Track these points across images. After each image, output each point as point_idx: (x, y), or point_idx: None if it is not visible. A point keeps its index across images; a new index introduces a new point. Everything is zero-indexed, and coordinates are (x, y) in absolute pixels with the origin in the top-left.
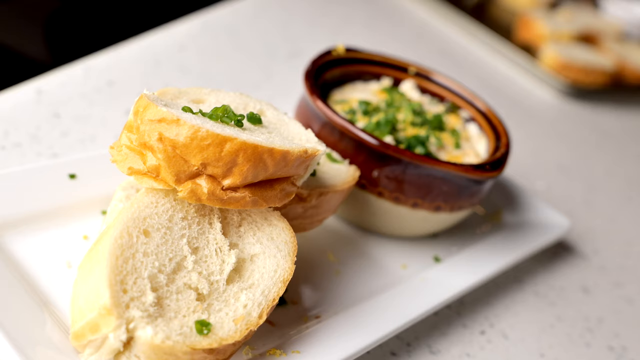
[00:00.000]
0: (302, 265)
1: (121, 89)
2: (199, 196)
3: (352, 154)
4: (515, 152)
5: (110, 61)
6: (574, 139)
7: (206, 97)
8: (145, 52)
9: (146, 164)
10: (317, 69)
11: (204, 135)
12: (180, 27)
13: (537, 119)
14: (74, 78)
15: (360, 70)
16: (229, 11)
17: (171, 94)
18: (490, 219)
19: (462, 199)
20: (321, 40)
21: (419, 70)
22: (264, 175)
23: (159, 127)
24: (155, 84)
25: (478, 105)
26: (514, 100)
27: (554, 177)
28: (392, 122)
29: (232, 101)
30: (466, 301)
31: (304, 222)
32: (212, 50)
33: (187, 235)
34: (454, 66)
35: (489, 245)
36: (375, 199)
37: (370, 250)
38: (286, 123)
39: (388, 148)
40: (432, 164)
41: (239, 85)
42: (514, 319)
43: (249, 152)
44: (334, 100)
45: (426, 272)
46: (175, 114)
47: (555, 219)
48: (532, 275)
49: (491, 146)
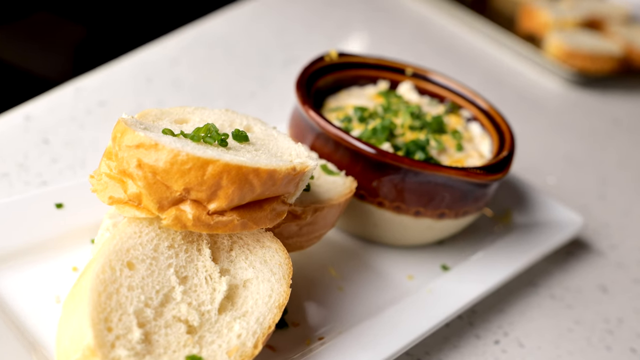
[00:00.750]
0: (302, 283)
1: (112, 109)
2: (184, 223)
3: (349, 164)
4: (522, 147)
5: (100, 81)
6: (584, 130)
7: (190, 116)
8: (137, 69)
9: (127, 192)
10: (309, 77)
11: (184, 159)
12: (172, 41)
13: (544, 110)
14: (64, 101)
15: (355, 74)
16: (222, 21)
17: (153, 116)
18: (499, 220)
19: (467, 204)
20: (318, 45)
21: (416, 70)
22: (252, 196)
23: (137, 153)
24: (147, 101)
25: (479, 103)
26: (519, 92)
27: (565, 171)
28: (390, 127)
29: (218, 119)
30: (478, 309)
31: (301, 240)
32: (205, 63)
33: (174, 265)
34: (456, 62)
35: (500, 249)
36: (376, 209)
37: (374, 262)
38: (275, 138)
39: (385, 156)
40: (433, 170)
41: (234, 96)
42: (529, 326)
43: (233, 174)
44: (328, 109)
45: (434, 282)
46: (154, 138)
47: (568, 217)
48: (546, 278)
49: (495, 146)
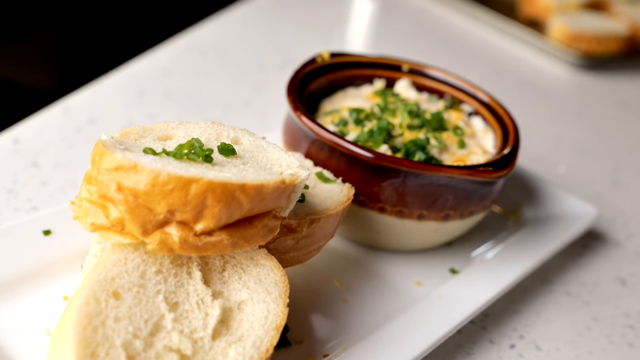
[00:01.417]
0: (304, 297)
1: (103, 126)
2: (170, 246)
3: (346, 169)
4: (530, 137)
5: (89, 97)
6: (593, 115)
7: (174, 132)
8: (127, 82)
9: (109, 218)
10: (300, 80)
11: (166, 180)
12: (163, 51)
13: (551, 97)
14: (52, 121)
15: (350, 75)
16: (214, 27)
17: (135, 134)
18: (508, 216)
19: (472, 204)
20: (314, 45)
21: (413, 66)
22: (240, 213)
23: (117, 175)
24: (138, 115)
25: (480, 96)
26: (524, 80)
27: (575, 160)
28: (387, 128)
29: (203, 132)
30: (491, 312)
31: (298, 254)
32: (198, 71)
33: (163, 291)
34: (458, 53)
35: (510, 247)
36: (377, 215)
37: (379, 269)
38: (264, 149)
39: (383, 159)
40: (434, 171)
41: (229, 104)
42: (545, 327)
43: (218, 192)
44: (323, 112)
45: (443, 287)
46: (133, 159)
47: (581, 208)
48: (561, 274)
49: (499, 140)
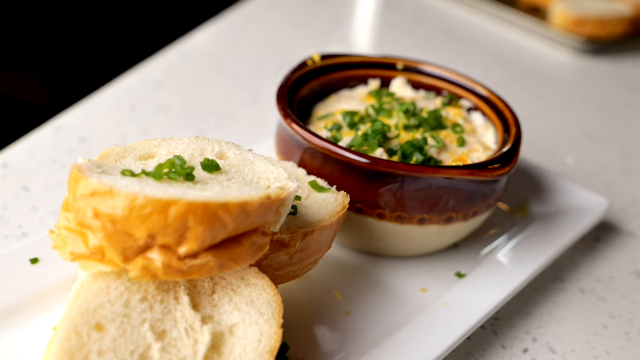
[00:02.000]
0: (304, 312)
1: (95, 145)
2: (153, 272)
3: (340, 177)
4: (536, 128)
5: (81, 116)
6: (600, 100)
7: (156, 150)
8: (119, 97)
9: (88, 246)
10: (291, 86)
11: (143, 203)
12: (155, 63)
13: (556, 85)
14: (42, 143)
15: (343, 76)
16: (207, 35)
17: (115, 155)
18: (515, 213)
19: (475, 204)
20: (311, 46)
21: (407, 64)
22: (225, 233)
23: (93, 201)
24: (131, 131)
25: (479, 91)
26: (529, 69)
27: (584, 149)
28: (382, 131)
29: (187, 149)
30: (501, 316)
31: (294, 269)
32: (192, 82)
33: (149, 320)
34: (459, 46)
35: (519, 246)
36: (377, 222)
37: (383, 277)
38: (251, 162)
39: (378, 164)
40: (432, 173)
41: (224, 114)
42: (560, 328)
43: (200, 213)
44: (317, 117)
45: (450, 293)
46: (109, 184)
47: (591, 199)
48: (573, 270)
49: (500, 136)
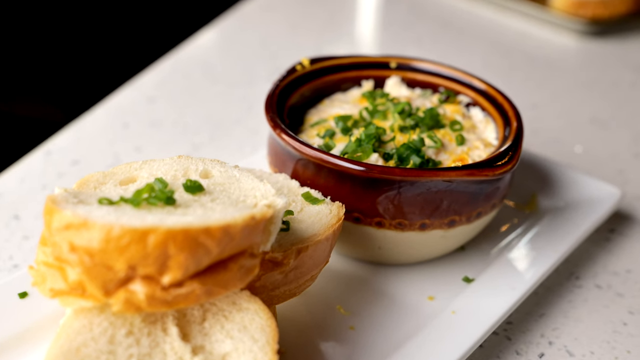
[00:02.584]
0: (305, 330)
1: (86, 167)
2: (137, 305)
3: (335, 186)
4: (542, 117)
5: (72, 138)
6: (606, 84)
7: (138, 173)
8: (111, 115)
9: (67, 281)
10: (280, 94)
11: (120, 234)
12: (146, 77)
13: (560, 70)
14: (33, 169)
15: (335, 79)
16: (199, 44)
17: (95, 181)
18: (524, 209)
19: (478, 205)
20: (306, 49)
21: (400, 61)
22: (209, 259)
23: (68, 235)
24: (123, 150)
25: (477, 85)
26: (531, 57)
27: (592, 135)
28: (375, 134)
29: (169, 169)
30: (514, 319)
31: (290, 287)
32: (185, 94)
33: (136, 355)
34: (459, 36)
35: (529, 243)
36: (376, 230)
37: (387, 287)
38: (237, 179)
39: (372, 170)
40: (429, 176)
41: (218, 125)
42: (576, 328)
43: (180, 239)
44: (309, 124)
45: (458, 300)
46: (83, 215)
47: (602, 189)
48: (588, 265)
49: (500, 131)
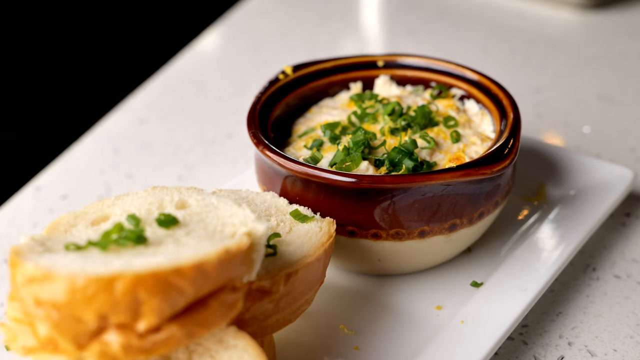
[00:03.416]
0: (309, 353)
1: (77, 200)
2: (112, 356)
3: (325, 200)
4: (547, 99)
5: (61, 170)
6: (613, 57)
7: (111, 210)
8: (101, 142)
9: (38, 337)
10: (263, 106)
11: (85, 284)
12: (136, 99)
13: (563, 48)
14: (23, 206)
15: (321, 85)
16: (190, 57)
17: (65, 224)
18: (533, 201)
19: (479, 205)
20: (298, 54)
21: (387, 59)
22: (185, 300)
23: (32, 288)
24: (115, 177)
25: (469, 76)
26: (531, 36)
27: (600, 114)
28: (364, 141)
29: (143, 203)
30: (529, 322)
31: (282, 315)
32: (176, 112)
33: None
34: (455, 24)
35: (540, 237)
36: (373, 243)
37: (391, 300)
38: (215, 207)
39: (361, 180)
40: (422, 181)
41: (210, 142)
42: (597, 325)
43: (150, 283)
44: (297, 135)
45: (467, 307)
46: (46, 266)
47: (615, 172)
48: (605, 255)
49: (497, 123)
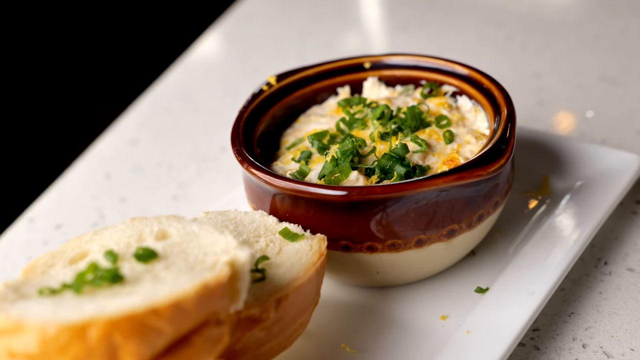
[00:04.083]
0: None
1: (71, 229)
2: None
3: (315, 216)
4: (547, 85)
5: (54, 199)
6: (613, 36)
7: (89, 246)
8: (92, 168)
9: None
10: (247, 121)
11: (56, 333)
12: (127, 119)
13: (561, 29)
14: (17, 239)
15: (308, 92)
16: (180, 71)
17: (42, 265)
18: (536, 195)
19: (477, 208)
20: (289, 60)
21: (374, 60)
22: (164, 340)
23: (4, 341)
24: (108, 203)
25: (459, 71)
26: (528, 19)
27: (603, 96)
28: (352, 149)
29: (122, 236)
30: (540, 325)
31: (276, 342)
32: (167, 128)
33: None
34: (448, 14)
35: (546, 234)
36: (369, 256)
37: (393, 312)
38: (196, 236)
39: (350, 193)
40: (414, 188)
41: (202, 159)
42: (612, 323)
43: (125, 327)
44: (286, 147)
45: (473, 315)
46: (16, 316)
47: (621, 158)
48: (616, 247)
49: (491, 119)
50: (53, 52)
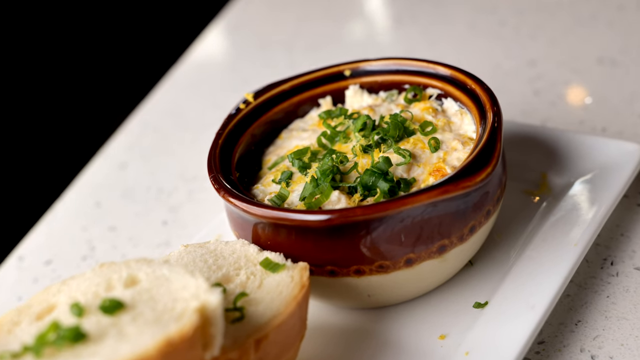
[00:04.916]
0: None
1: (61, 264)
2: None
3: (297, 242)
4: (544, 73)
5: (43, 235)
6: (610, 12)
7: (56, 298)
8: (81, 197)
9: None
10: (224, 144)
11: None
12: (115, 143)
13: (556, 10)
14: (6, 279)
15: (287, 106)
16: (167, 88)
17: (8, 323)
18: (535, 194)
19: (468, 219)
20: (279, 67)
21: (353, 67)
22: None
23: None
24: (98, 234)
25: (442, 72)
26: (520, 4)
27: (602, 80)
28: (332, 168)
29: (90, 285)
30: (546, 336)
31: None
32: (157, 149)
33: None
34: (439, 4)
35: (546, 237)
36: (357, 280)
37: (389, 335)
38: (166, 280)
39: (330, 217)
40: (396, 207)
41: (193, 177)
42: (621, 330)
43: None
44: (268, 167)
45: (473, 333)
46: None
47: (622, 148)
48: (622, 244)
49: (477, 122)
50: (33, 84)
